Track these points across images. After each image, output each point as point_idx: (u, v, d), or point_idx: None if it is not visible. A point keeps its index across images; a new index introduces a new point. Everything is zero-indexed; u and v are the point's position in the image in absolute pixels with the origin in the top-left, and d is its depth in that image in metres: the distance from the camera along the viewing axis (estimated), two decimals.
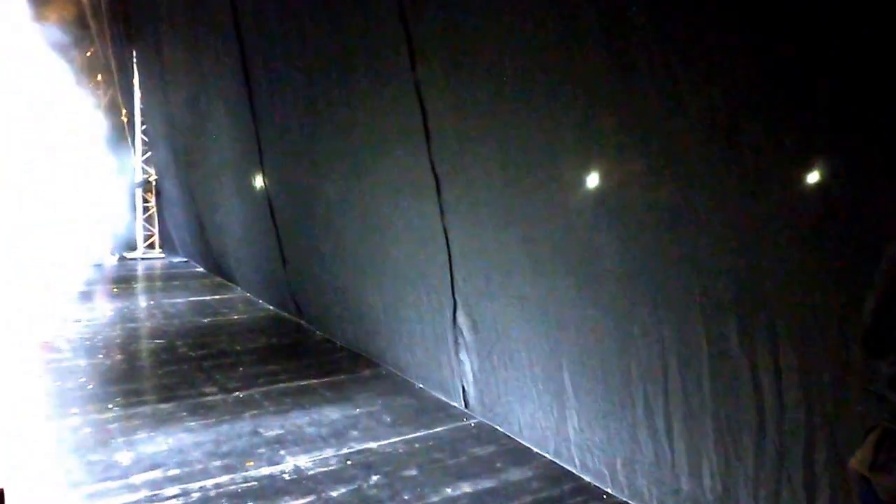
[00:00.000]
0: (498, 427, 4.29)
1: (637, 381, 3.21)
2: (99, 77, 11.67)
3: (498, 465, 3.81)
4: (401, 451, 3.99)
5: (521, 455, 3.94)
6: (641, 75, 2.87)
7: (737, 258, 2.66)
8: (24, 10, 9.10)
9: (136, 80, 11.94)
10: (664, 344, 3.03)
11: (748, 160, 2.56)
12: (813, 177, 2.40)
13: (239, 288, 9.12)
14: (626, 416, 3.31)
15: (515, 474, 3.70)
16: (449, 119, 4.19)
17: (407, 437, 4.19)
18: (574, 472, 3.69)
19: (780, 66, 2.40)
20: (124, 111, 12.06)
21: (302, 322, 7.10)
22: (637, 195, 3.07)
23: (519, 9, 3.48)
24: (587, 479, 3.60)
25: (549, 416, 3.84)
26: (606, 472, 3.49)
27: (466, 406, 4.60)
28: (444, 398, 4.82)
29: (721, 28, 2.58)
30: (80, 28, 10.82)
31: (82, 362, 5.65)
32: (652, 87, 2.84)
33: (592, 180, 3.30)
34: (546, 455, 3.89)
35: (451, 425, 4.39)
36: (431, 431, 4.29)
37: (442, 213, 4.40)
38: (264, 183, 7.36)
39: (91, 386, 5.05)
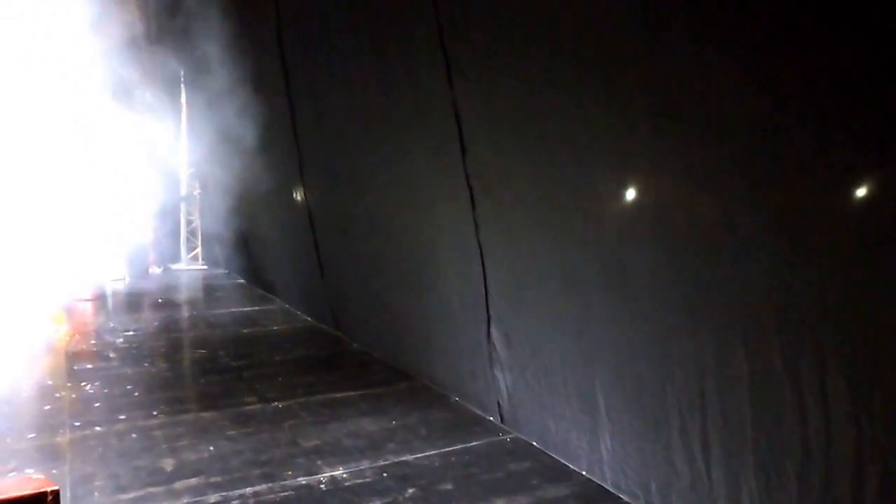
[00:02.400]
0: (534, 443, 4.28)
1: (673, 403, 3.15)
2: (146, 92, 12.04)
3: (534, 481, 3.80)
4: (436, 464, 4.01)
5: (557, 472, 3.92)
6: (680, 88, 2.85)
7: (780, 276, 2.60)
8: (84, 21, 9.38)
9: (182, 98, 12.30)
10: (702, 365, 2.98)
11: (793, 175, 2.50)
12: (861, 192, 2.34)
13: (279, 299, 9.27)
14: (661, 438, 3.26)
15: (551, 491, 3.68)
16: (484, 134, 4.24)
17: (443, 450, 4.21)
18: (612, 490, 3.65)
19: (827, 77, 2.35)
20: (171, 125, 12.41)
21: (340, 334, 7.19)
22: (675, 211, 3.03)
23: (554, 26, 3.51)
24: (625, 498, 3.56)
25: (582, 435, 3.82)
26: (641, 494, 3.45)
27: (502, 421, 4.59)
28: (479, 412, 4.82)
29: (764, 38, 2.54)
30: (132, 44, 11.18)
31: (129, 370, 5.82)
32: (690, 99, 2.82)
33: (628, 195, 3.29)
34: (582, 473, 3.87)
35: (487, 440, 4.39)
36: (467, 445, 4.30)
37: (476, 226, 4.43)
38: (305, 197, 7.51)
39: (137, 394, 5.20)
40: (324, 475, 3.84)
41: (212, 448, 4.18)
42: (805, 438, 2.58)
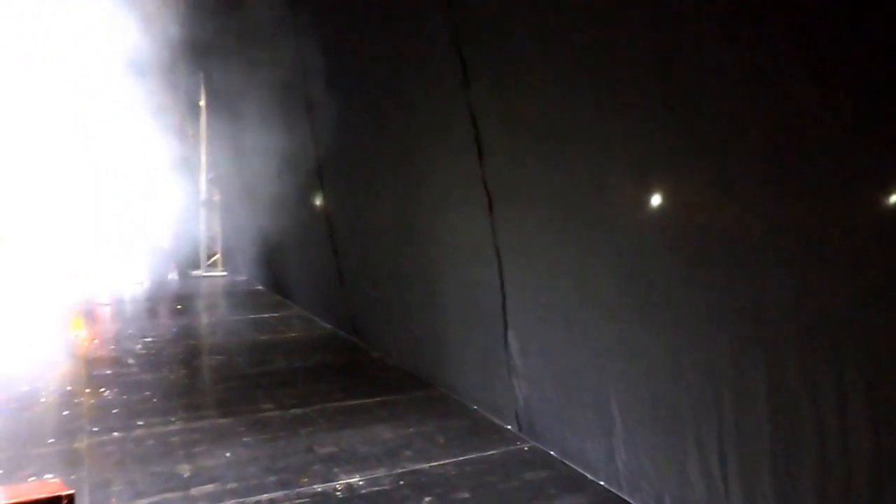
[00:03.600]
0: (552, 452, 4.23)
1: (688, 414, 3.11)
2: (168, 97, 12.18)
3: (551, 490, 3.76)
4: (453, 473, 3.98)
5: (574, 481, 3.87)
6: (699, 94, 2.82)
7: (798, 287, 2.56)
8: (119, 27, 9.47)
9: (202, 102, 12.42)
10: (718, 375, 2.93)
11: (812, 183, 2.47)
12: (882, 200, 2.29)
13: (297, 306, 9.30)
14: (676, 450, 3.20)
15: (567, 501, 3.64)
16: (502, 141, 4.23)
17: (459, 458, 4.18)
18: (628, 501, 3.60)
19: (848, 83, 2.32)
20: (191, 132, 12.54)
21: (357, 341, 7.18)
22: (693, 218, 3.00)
23: (570, 30, 3.49)
24: None
25: (599, 444, 3.77)
26: None
27: (520, 429, 4.55)
28: (497, 421, 4.79)
29: (786, 44, 2.51)
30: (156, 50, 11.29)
31: (147, 376, 5.86)
32: (709, 107, 2.79)
33: (645, 203, 3.25)
34: (600, 483, 3.81)
35: (505, 448, 4.35)
36: (484, 454, 4.26)
37: (494, 233, 4.41)
38: (323, 204, 7.53)
39: (155, 400, 5.23)
40: (340, 482, 3.82)
41: (228, 454, 4.19)
42: (823, 450, 2.53)
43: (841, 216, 2.40)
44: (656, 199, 3.19)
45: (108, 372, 5.97)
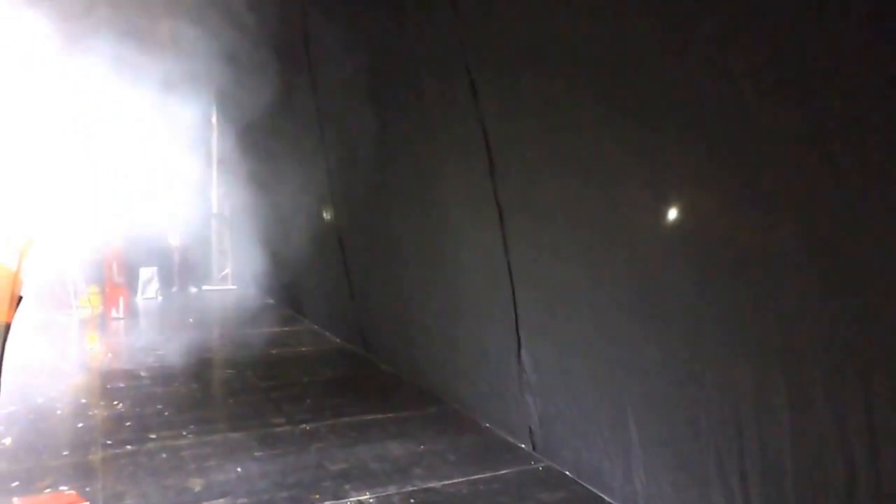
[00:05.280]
0: (567, 472, 4.19)
1: (708, 434, 3.05)
2: (181, 112, 12.27)
3: None
4: (465, 491, 3.94)
5: (590, 503, 3.82)
6: (714, 106, 2.79)
7: (824, 301, 2.50)
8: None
9: (214, 119, 12.54)
10: (739, 393, 2.88)
11: (835, 195, 2.42)
12: None
13: (308, 320, 9.31)
14: (695, 471, 3.15)
15: None
16: (513, 154, 4.23)
17: (471, 477, 4.14)
18: None
19: (871, 93, 2.28)
20: (203, 148, 12.64)
21: (369, 356, 7.17)
22: (711, 231, 2.95)
23: (582, 44, 3.50)
24: None
25: (615, 465, 3.72)
26: None
27: (534, 448, 4.52)
28: (510, 438, 4.75)
29: (803, 54, 2.47)
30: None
31: (160, 390, 5.87)
32: (726, 117, 2.75)
33: (661, 214, 3.21)
34: None
35: (518, 467, 4.31)
36: (497, 473, 4.22)
37: (506, 247, 4.41)
38: (334, 218, 7.56)
39: (167, 413, 5.23)
40: (350, 499, 3.80)
41: (239, 469, 4.18)
42: (850, 472, 2.46)
43: (868, 229, 2.35)
44: (673, 214, 3.15)
45: (122, 385, 5.99)
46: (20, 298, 3.83)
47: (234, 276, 12.99)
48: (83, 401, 5.50)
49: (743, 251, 2.80)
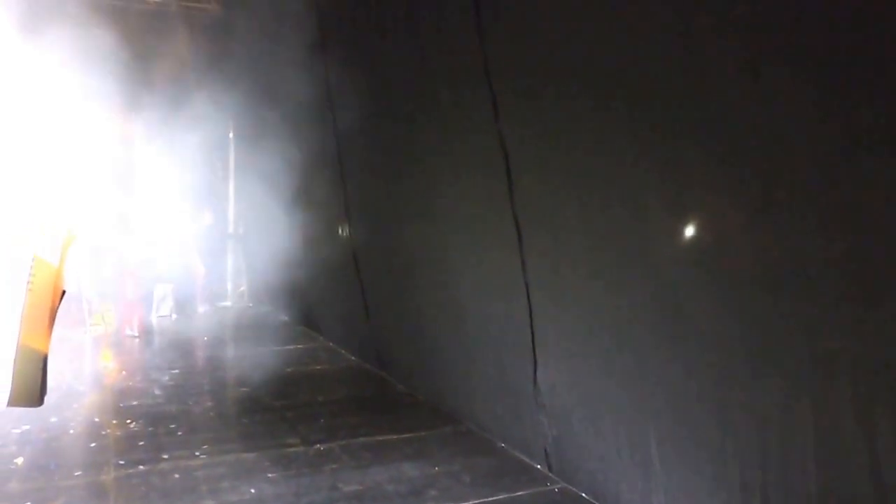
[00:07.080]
0: (583, 494, 4.10)
1: (733, 458, 2.97)
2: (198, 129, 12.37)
3: None
4: None
5: None
6: (737, 119, 2.74)
7: (855, 318, 2.42)
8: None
9: (231, 135, 12.63)
10: (764, 416, 2.80)
11: (865, 207, 2.35)
12: None
13: (322, 338, 9.28)
14: (719, 497, 3.05)
15: None
16: (532, 172, 4.19)
17: (487, 499, 4.06)
18: None
19: None
20: (220, 164, 12.73)
21: (384, 375, 7.11)
22: (734, 246, 2.89)
23: (603, 56, 3.47)
24: None
25: (634, 488, 3.63)
26: None
27: (550, 469, 4.43)
28: (526, 459, 4.66)
29: (831, 65, 2.42)
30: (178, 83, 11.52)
31: (173, 409, 5.84)
32: (750, 130, 2.70)
33: (682, 230, 3.14)
34: None
35: (534, 489, 4.23)
36: (513, 495, 4.14)
37: (524, 266, 4.35)
38: (350, 236, 7.54)
39: (181, 433, 5.20)
40: None
41: (253, 490, 4.13)
42: (881, 498, 2.38)
43: None
44: (696, 231, 3.09)
45: (135, 403, 5.97)
46: (63, 292, 3.86)
47: (249, 294, 13.02)
48: (96, 419, 5.49)
49: (770, 270, 2.73)
